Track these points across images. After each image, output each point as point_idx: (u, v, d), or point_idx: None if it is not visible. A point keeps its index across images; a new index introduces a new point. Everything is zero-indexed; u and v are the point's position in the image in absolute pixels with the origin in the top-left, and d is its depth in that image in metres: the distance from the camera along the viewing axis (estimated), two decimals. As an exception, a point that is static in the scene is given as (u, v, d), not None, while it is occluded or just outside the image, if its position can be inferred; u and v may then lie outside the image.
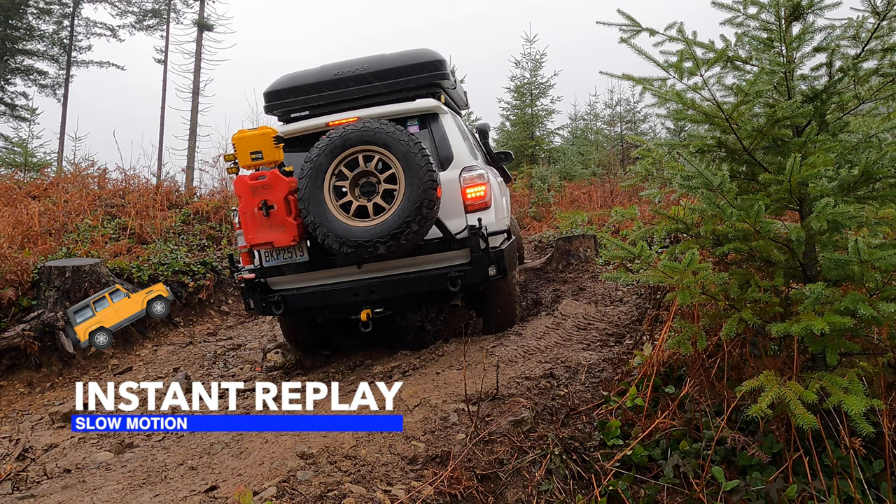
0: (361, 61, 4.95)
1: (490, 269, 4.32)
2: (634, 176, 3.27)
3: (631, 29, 2.88)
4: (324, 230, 4.01)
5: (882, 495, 2.31)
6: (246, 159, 4.08)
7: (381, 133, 4.01)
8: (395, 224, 3.94)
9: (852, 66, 2.55)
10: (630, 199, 10.83)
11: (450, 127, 4.71)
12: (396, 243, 3.96)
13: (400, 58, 4.90)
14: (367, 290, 4.38)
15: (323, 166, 4.07)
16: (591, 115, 21.00)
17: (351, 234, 3.98)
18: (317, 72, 5.00)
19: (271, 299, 4.46)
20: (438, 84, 4.92)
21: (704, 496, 2.45)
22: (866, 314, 2.11)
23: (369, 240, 3.96)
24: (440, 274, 4.33)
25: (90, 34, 26.71)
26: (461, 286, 4.30)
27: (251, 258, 4.49)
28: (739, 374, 2.81)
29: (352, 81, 4.85)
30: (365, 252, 3.99)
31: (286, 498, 2.32)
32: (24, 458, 3.62)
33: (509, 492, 2.57)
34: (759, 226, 2.47)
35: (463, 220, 4.38)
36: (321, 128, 4.63)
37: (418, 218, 3.94)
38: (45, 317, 5.38)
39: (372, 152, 4.06)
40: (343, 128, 4.12)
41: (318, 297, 4.45)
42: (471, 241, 4.26)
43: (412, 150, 3.96)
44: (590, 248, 6.93)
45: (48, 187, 9.46)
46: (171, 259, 6.89)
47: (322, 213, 4.03)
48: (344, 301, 4.43)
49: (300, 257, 4.38)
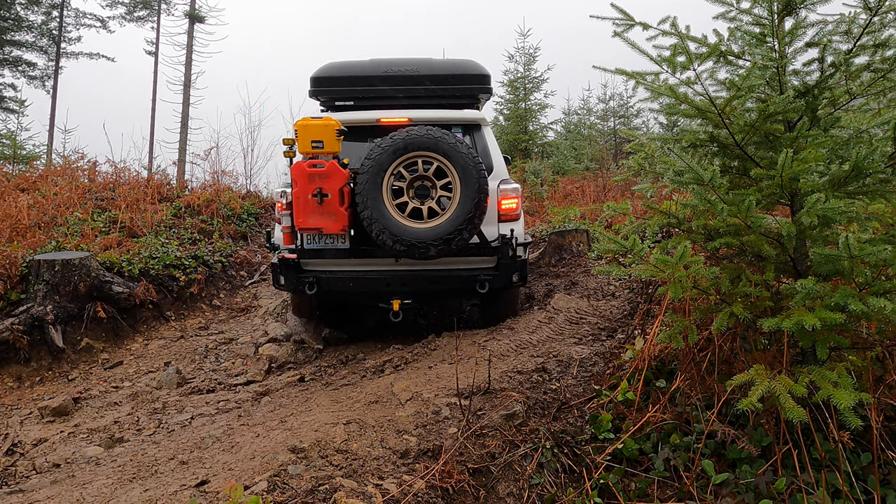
0: (410, 62, 5.19)
1: (514, 276, 4.66)
2: (627, 170, 3.28)
3: (624, 23, 2.88)
4: (380, 226, 4.21)
5: (870, 487, 2.33)
6: (306, 146, 4.26)
7: (442, 142, 4.24)
8: (448, 230, 4.22)
9: (844, 62, 2.56)
10: (623, 194, 10.85)
11: (490, 139, 5.00)
12: (447, 247, 4.24)
13: (448, 66, 5.20)
14: (399, 281, 4.64)
15: (384, 165, 4.25)
16: (584, 109, 20.98)
17: (406, 234, 4.22)
18: (366, 65, 5.19)
19: (305, 279, 4.64)
20: (480, 96, 5.23)
21: (694, 489, 2.46)
22: (856, 309, 2.13)
23: (423, 241, 4.21)
24: (469, 276, 4.64)
25: (80, 25, 26.43)
26: (488, 289, 4.60)
27: (292, 239, 4.60)
28: (730, 368, 2.83)
29: (400, 80, 5.08)
30: (416, 252, 4.23)
31: (277, 492, 2.31)
32: (12, 452, 3.59)
33: (501, 485, 2.58)
34: (751, 221, 2.47)
35: (495, 229, 4.67)
36: (372, 122, 4.81)
37: (469, 227, 4.24)
38: (34, 311, 5.33)
39: (432, 159, 4.29)
40: (407, 131, 4.30)
41: (352, 283, 4.69)
42: (502, 250, 4.56)
43: (470, 163, 4.23)
44: (582, 243, 6.94)
45: (37, 180, 9.36)
46: (162, 253, 6.84)
47: (379, 209, 4.23)
48: (376, 289, 4.69)
49: (342, 244, 4.59)
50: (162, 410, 4.11)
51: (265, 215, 9.69)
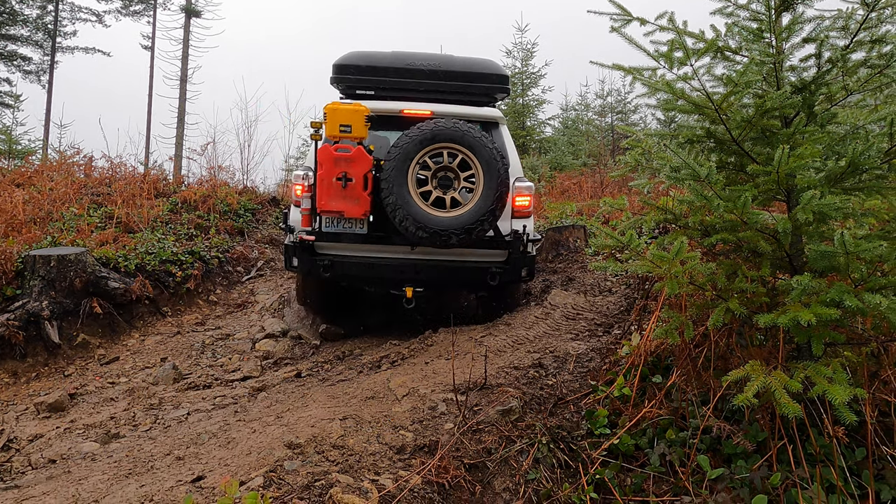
0: (431, 57, 5.31)
1: (523, 271, 4.82)
2: (624, 166, 3.28)
3: (622, 18, 2.87)
4: (403, 212, 4.29)
5: (864, 482, 2.34)
6: (334, 130, 4.33)
7: (468, 136, 4.38)
8: (470, 219, 4.34)
9: (841, 58, 2.55)
10: (620, 190, 10.85)
11: (507, 137, 5.14)
12: (468, 237, 4.36)
13: (469, 64, 5.33)
14: (413, 269, 4.74)
15: (410, 154, 4.35)
16: (582, 105, 20.95)
17: (429, 222, 4.31)
18: (388, 56, 5.30)
19: (320, 262, 4.71)
20: (497, 96, 5.38)
21: (690, 484, 2.47)
22: (852, 305, 2.13)
23: (445, 229, 4.31)
24: (481, 268, 4.78)
25: (75, 19, 26.28)
26: (499, 282, 4.76)
27: (311, 221, 4.65)
28: (726, 363, 2.83)
29: (421, 74, 5.19)
30: (438, 240, 4.33)
31: (273, 488, 2.31)
32: (8, 448, 3.59)
33: (497, 480, 2.58)
34: (747, 217, 2.47)
35: (508, 224, 4.81)
36: (395, 112, 4.94)
37: (490, 218, 4.37)
38: (29, 306, 5.31)
39: (457, 151, 4.41)
40: (434, 122, 4.41)
41: (366, 268, 4.78)
42: (514, 244, 4.70)
43: (494, 157, 4.38)
44: (580, 239, 6.94)
45: (33, 175, 9.31)
46: (159, 248, 6.82)
47: (404, 196, 4.31)
48: (390, 276, 4.79)
49: (360, 229, 4.70)
50: (158, 406, 4.11)
51: (262, 211, 9.66)
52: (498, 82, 5.32)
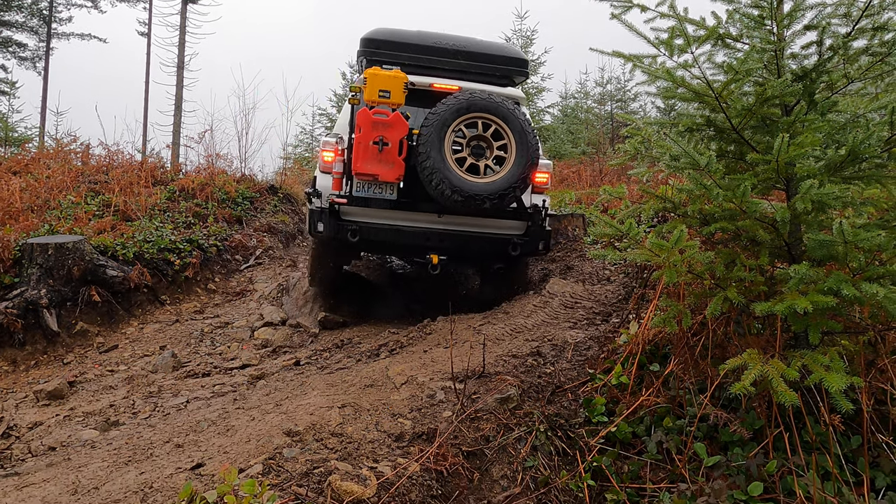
0: (455, 38, 5.51)
1: (540, 244, 5.01)
2: (623, 155, 3.26)
3: (623, 5, 2.84)
4: (440, 176, 4.41)
5: (859, 470, 2.36)
6: (373, 94, 4.42)
7: (502, 108, 4.58)
8: (503, 186, 4.50)
9: (842, 45, 2.53)
10: (619, 178, 10.83)
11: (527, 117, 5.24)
12: (501, 202, 4.53)
13: (491, 46, 5.57)
14: (438, 237, 4.87)
15: (447, 122, 4.50)
16: (581, 93, 20.84)
17: (465, 186, 4.44)
18: (415, 34, 5.44)
19: (349, 227, 4.77)
20: (516, 79, 5.58)
21: (686, 471, 2.49)
22: (849, 294, 2.13)
23: (479, 194, 4.45)
24: (503, 238, 4.97)
25: (70, 5, 26.00)
26: (520, 252, 4.95)
27: (342, 185, 4.74)
28: (723, 352, 2.84)
29: (446, 53, 5.35)
30: (473, 204, 4.46)
31: (272, 475, 2.32)
32: (8, 435, 3.60)
33: (495, 468, 2.60)
34: (746, 206, 2.47)
35: (528, 199, 4.96)
36: (425, 86, 5.07)
37: (521, 185, 4.55)
38: (27, 294, 5.31)
39: (491, 121, 4.59)
40: (470, 93, 4.61)
41: (393, 234, 4.89)
42: (535, 217, 4.91)
43: (526, 128, 4.63)
44: (578, 227, 6.93)
45: (29, 163, 9.26)
46: (157, 236, 6.81)
47: (441, 161, 4.44)
48: (415, 243, 4.93)
49: (389, 195, 4.79)
50: (157, 394, 4.12)
51: (260, 199, 9.63)
52: (518, 65, 5.50)
